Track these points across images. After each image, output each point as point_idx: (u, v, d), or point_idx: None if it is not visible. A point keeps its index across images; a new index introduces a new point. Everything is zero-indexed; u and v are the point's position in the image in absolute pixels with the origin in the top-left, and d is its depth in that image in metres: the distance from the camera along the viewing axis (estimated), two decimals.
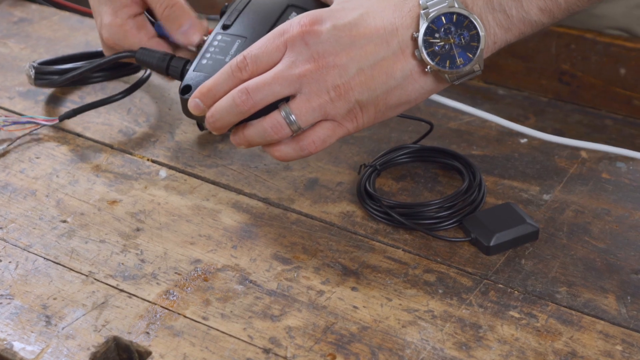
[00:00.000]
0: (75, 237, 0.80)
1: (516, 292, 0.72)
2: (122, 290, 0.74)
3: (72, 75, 0.93)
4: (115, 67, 0.98)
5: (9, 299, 0.73)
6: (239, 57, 0.75)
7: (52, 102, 0.99)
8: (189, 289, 0.74)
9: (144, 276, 0.75)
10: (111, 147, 0.91)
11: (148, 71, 0.97)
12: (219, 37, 0.81)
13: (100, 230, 0.80)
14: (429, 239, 0.78)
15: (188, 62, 0.82)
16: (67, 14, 1.17)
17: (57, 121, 0.93)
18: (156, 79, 1.01)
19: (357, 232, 0.79)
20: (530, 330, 0.69)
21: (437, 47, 0.72)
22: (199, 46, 0.84)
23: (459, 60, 0.73)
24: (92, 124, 0.95)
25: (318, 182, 0.85)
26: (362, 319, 0.70)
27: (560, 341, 0.68)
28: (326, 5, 0.80)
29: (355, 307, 0.71)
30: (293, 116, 0.73)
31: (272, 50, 0.73)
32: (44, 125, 0.93)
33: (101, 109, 0.97)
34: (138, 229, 0.80)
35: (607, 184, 0.83)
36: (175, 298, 0.73)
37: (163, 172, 0.87)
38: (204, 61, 0.80)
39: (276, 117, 0.74)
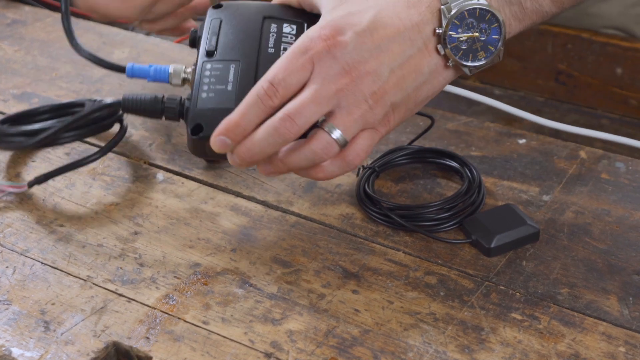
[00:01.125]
0: (73, 241, 0.79)
1: (518, 293, 0.72)
2: (121, 295, 0.73)
3: (42, 137, 0.85)
4: (88, 124, 0.89)
5: (7, 304, 0.73)
6: (264, 84, 0.70)
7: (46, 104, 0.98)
8: (189, 293, 0.73)
9: (143, 280, 0.75)
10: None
11: (125, 126, 0.89)
12: (208, 65, 0.75)
13: (97, 234, 0.80)
14: (429, 241, 0.77)
15: (181, 99, 0.76)
16: (60, 15, 1.16)
17: (26, 188, 0.83)
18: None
19: (357, 234, 0.79)
20: (532, 332, 0.68)
21: (461, 43, 0.72)
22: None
23: (480, 54, 0.74)
24: None
25: (317, 184, 0.85)
26: (363, 322, 0.70)
27: (563, 343, 0.67)
28: (303, 12, 0.80)
29: (356, 310, 0.71)
30: (338, 132, 0.70)
31: (298, 70, 0.70)
32: (12, 192, 0.84)
33: None
34: (136, 233, 0.80)
35: (607, 184, 0.83)
36: (175, 302, 0.72)
37: (160, 175, 0.87)
38: (204, 95, 0.73)
39: (324, 137, 0.70)
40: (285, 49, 0.76)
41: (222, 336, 0.69)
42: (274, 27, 0.78)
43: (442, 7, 0.72)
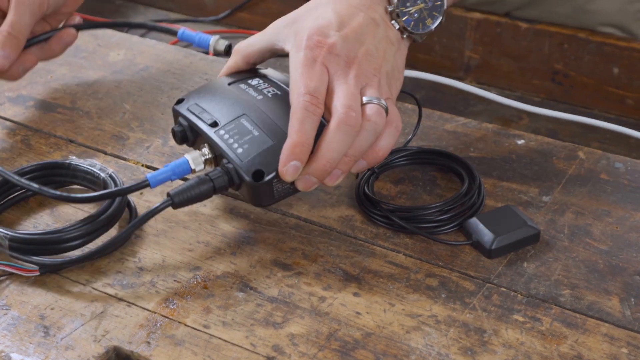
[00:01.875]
0: None
1: (519, 295, 0.72)
2: (121, 299, 0.73)
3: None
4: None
5: (6, 309, 0.72)
6: (305, 97, 0.75)
7: (42, 108, 0.97)
8: (189, 297, 0.73)
9: (143, 284, 0.74)
10: (104, 152, 0.90)
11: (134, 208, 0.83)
12: (222, 132, 0.78)
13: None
14: (430, 243, 0.77)
15: (223, 167, 0.76)
16: None
17: (38, 273, 0.75)
18: (148, 81, 1.00)
19: (357, 236, 0.78)
20: (535, 334, 0.68)
21: (412, 15, 0.82)
22: None
23: (428, 21, 0.83)
24: (84, 130, 0.93)
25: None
26: (365, 325, 0.70)
27: (565, 345, 0.67)
28: (250, 70, 0.86)
29: (358, 313, 0.71)
30: (377, 99, 0.76)
31: (320, 75, 0.77)
32: (23, 275, 0.75)
33: (93, 113, 0.96)
34: (135, 236, 0.79)
35: (606, 185, 0.83)
36: (175, 306, 0.72)
37: None
38: (240, 150, 0.76)
39: (373, 107, 0.76)
40: (268, 92, 0.81)
41: (224, 340, 0.69)
42: (243, 86, 0.82)
43: None
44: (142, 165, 0.88)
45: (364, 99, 0.76)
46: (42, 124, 0.95)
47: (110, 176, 0.81)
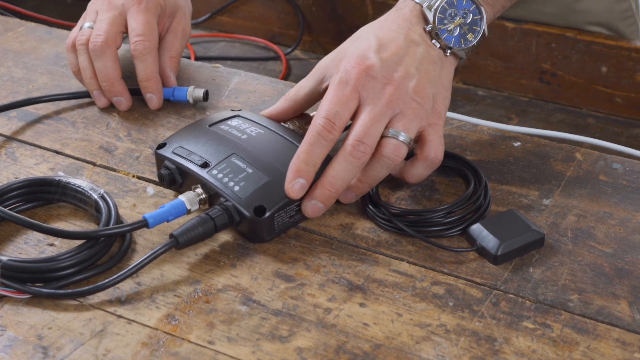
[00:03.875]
0: None
1: (527, 301, 0.71)
2: (120, 316, 0.71)
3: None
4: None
5: (1, 330, 0.70)
6: (320, 120, 0.76)
7: (26, 118, 0.95)
8: (191, 312, 0.71)
9: (142, 300, 0.72)
10: (93, 164, 0.88)
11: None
12: (214, 171, 0.79)
13: None
14: (433, 250, 0.76)
15: (222, 205, 0.76)
16: (32, 24, 1.13)
17: (29, 296, 0.73)
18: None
19: (359, 245, 0.77)
20: (546, 341, 0.67)
21: (452, 31, 0.81)
22: None
23: (469, 36, 0.82)
24: (70, 140, 0.91)
25: None
26: (374, 336, 0.68)
27: (577, 351, 0.66)
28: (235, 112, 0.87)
29: (365, 324, 0.69)
30: (401, 133, 0.76)
31: (348, 100, 0.77)
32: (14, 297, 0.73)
33: (79, 123, 0.93)
34: (131, 250, 0.77)
35: (606, 186, 0.82)
36: (177, 322, 0.70)
37: (150, 189, 0.84)
38: (237, 187, 0.77)
39: (390, 142, 0.76)
40: (251, 132, 0.82)
41: (230, 356, 0.67)
42: (224, 127, 0.84)
43: (424, 7, 0.81)
44: (133, 176, 0.86)
45: (389, 131, 0.76)
46: (27, 135, 0.92)
47: (102, 197, 0.79)
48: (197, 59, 1.20)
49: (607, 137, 1.03)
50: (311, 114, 0.86)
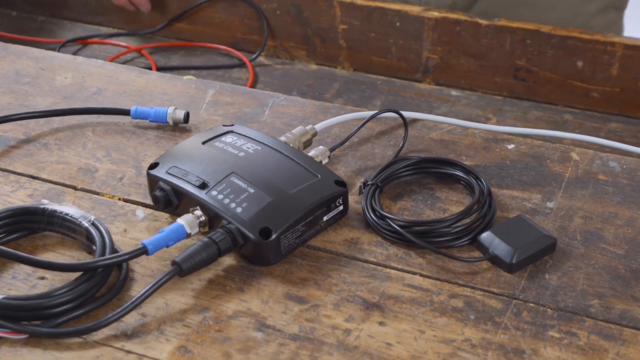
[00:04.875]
0: None
1: (549, 309, 0.70)
2: (129, 352, 0.67)
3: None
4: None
5: None
6: None
7: None
8: (204, 342, 0.67)
9: (150, 333, 0.68)
10: (74, 188, 0.83)
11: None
12: (214, 192, 0.75)
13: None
14: (444, 261, 0.74)
15: (225, 228, 0.73)
16: None
17: (27, 336, 0.68)
18: (106, 106, 0.93)
19: (368, 259, 0.75)
20: (574, 350, 0.66)
21: None
22: None
23: None
24: (45, 164, 0.86)
25: None
26: (399, 356, 0.66)
27: (608, 359, 0.65)
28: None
29: (388, 343, 0.67)
30: None
31: None
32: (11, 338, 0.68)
33: (52, 145, 0.89)
34: (130, 279, 0.73)
35: (606, 186, 0.81)
36: (191, 354, 0.66)
37: (140, 211, 0.80)
38: (239, 209, 0.73)
39: None
40: (248, 148, 0.79)
41: None
42: (219, 144, 0.81)
43: None
44: (119, 199, 0.82)
45: None
46: None
47: (94, 224, 0.75)
48: (158, 69, 1.16)
49: (585, 132, 1.02)
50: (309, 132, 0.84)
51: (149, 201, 0.81)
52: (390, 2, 1.09)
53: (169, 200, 0.77)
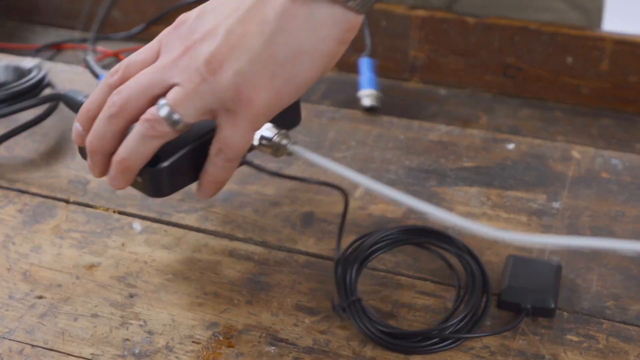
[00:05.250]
0: (61, 314, 0.69)
1: (565, 313, 0.68)
2: None
3: None
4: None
5: None
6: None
7: None
8: (216, 359, 0.65)
9: (158, 351, 0.66)
10: (66, 201, 0.80)
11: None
12: None
13: (87, 303, 0.70)
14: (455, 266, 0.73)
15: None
16: None
17: None
18: None
19: (377, 267, 0.73)
20: (595, 353, 0.65)
21: None
22: None
23: None
24: (33, 178, 0.83)
25: (314, 216, 0.78)
26: None
27: None
28: None
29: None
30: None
31: (146, 51, 0.67)
32: None
33: (37, 158, 0.85)
34: (132, 295, 0.71)
35: (610, 184, 0.81)
36: None
37: (137, 224, 0.78)
38: None
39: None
40: None
41: None
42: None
43: None
44: (115, 212, 0.79)
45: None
46: None
47: None
48: None
49: (577, 129, 1.01)
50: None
51: (145, 212, 0.78)
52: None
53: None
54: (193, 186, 0.76)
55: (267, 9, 0.62)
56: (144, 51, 0.67)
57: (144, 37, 1.21)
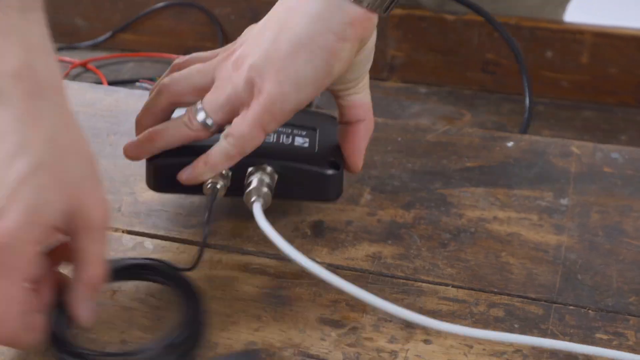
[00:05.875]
0: (89, 343, 0.66)
1: (590, 311, 0.69)
2: None
3: None
4: None
5: None
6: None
7: None
8: None
9: None
10: None
11: None
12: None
13: (113, 329, 0.67)
14: (475, 270, 0.72)
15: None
16: None
17: None
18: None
19: (395, 275, 0.72)
20: (626, 350, 0.65)
21: None
22: None
23: None
24: None
25: (324, 224, 0.77)
26: None
27: None
28: None
29: None
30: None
31: (215, 50, 0.75)
32: None
33: None
34: (159, 318, 0.68)
35: (614, 178, 0.81)
36: None
37: (148, 243, 0.75)
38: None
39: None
40: None
41: None
42: None
43: None
44: (123, 232, 0.76)
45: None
46: None
47: None
48: (109, 84, 1.09)
49: (560, 123, 1.02)
50: None
51: (155, 231, 0.76)
52: None
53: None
54: (201, 199, 0.75)
55: (280, 6, 0.69)
56: (213, 51, 0.74)
57: (111, 45, 1.18)
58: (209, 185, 0.71)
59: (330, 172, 0.73)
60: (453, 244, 0.75)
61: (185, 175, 0.72)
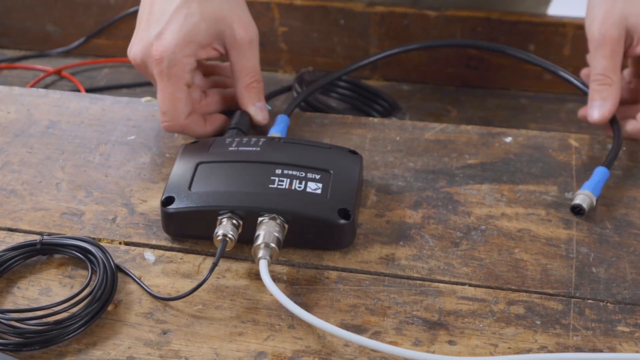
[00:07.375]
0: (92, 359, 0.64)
1: (609, 304, 0.69)
2: None
3: None
4: None
5: None
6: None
7: None
8: None
9: None
10: None
11: None
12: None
13: (118, 345, 0.65)
14: (489, 267, 0.72)
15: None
16: None
17: None
18: (66, 140, 0.84)
19: (411, 276, 0.71)
20: None
21: None
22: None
23: None
24: (20, 213, 0.77)
25: None
26: None
27: None
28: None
29: None
30: None
31: None
32: None
33: (20, 190, 0.79)
34: (165, 332, 0.66)
35: (615, 170, 0.81)
36: None
37: (149, 254, 0.73)
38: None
39: None
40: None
41: None
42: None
43: None
44: (121, 243, 0.74)
45: None
46: None
47: None
48: (87, 91, 1.06)
49: (546, 115, 1.03)
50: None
51: (154, 241, 0.74)
52: (332, 0, 1.05)
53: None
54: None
55: None
56: None
57: (85, 51, 1.15)
58: (219, 237, 0.70)
59: (341, 222, 0.71)
60: (465, 242, 0.74)
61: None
